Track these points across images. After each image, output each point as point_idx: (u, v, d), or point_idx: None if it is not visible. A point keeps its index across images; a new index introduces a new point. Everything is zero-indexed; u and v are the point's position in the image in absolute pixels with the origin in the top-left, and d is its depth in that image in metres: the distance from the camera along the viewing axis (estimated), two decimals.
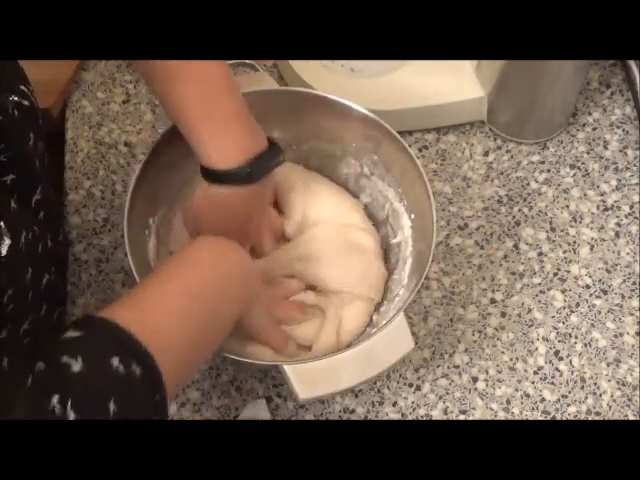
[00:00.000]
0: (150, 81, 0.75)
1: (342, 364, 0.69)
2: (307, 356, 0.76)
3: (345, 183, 0.86)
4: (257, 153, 0.72)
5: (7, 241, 0.64)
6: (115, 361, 0.52)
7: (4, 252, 0.64)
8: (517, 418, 0.79)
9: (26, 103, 0.71)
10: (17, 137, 0.69)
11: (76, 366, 0.51)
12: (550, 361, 0.82)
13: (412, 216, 0.81)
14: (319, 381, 0.69)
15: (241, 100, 0.72)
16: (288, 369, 0.68)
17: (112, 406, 0.51)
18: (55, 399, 0.50)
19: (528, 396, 0.80)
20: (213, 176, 0.72)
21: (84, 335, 0.53)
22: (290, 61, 0.92)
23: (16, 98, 0.70)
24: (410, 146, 0.80)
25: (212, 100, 0.70)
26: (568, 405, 0.80)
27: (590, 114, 0.95)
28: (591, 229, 0.88)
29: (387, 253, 0.83)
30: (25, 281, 0.68)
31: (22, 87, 0.72)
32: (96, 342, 0.53)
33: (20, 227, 0.67)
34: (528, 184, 0.91)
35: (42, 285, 0.72)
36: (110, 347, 0.53)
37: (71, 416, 0.49)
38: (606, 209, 0.89)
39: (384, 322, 0.74)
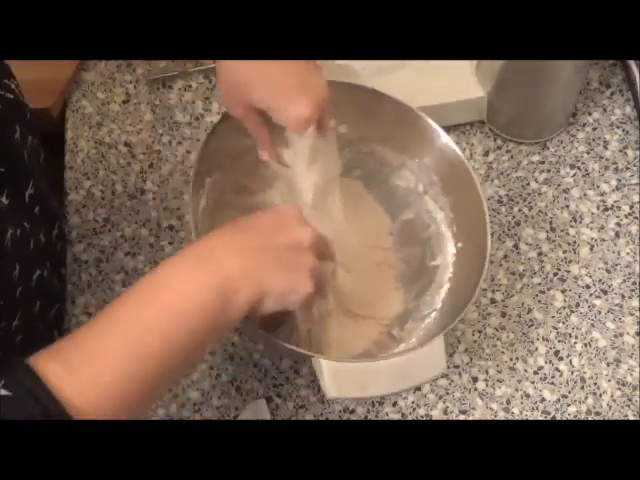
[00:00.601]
0: None
1: (375, 372, 0.68)
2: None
3: (391, 194, 0.84)
4: None
5: None
6: None
7: None
8: (517, 418, 0.79)
9: (10, 96, 0.71)
10: (1, 130, 0.69)
11: None
12: (550, 361, 0.82)
13: (459, 244, 0.79)
14: (350, 383, 0.68)
15: None
16: (325, 364, 0.67)
17: None
18: None
19: (528, 396, 0.80)
20: None
21: (9, 396, 0.50)
22: None
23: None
24: None
25: None
26: (568, 405, 0.80)
27: (590, 114, 0.95)
28: (591, 229, 0.88)
29: (418, 272, 0.81)
30: (13, 277, 0.67)
31: (6, 81, 0.71)
32: (18, 408, 0.50)
33: (6, 226, 0.66)
34: (528, 184, 0.91)
35: (32, 281, 0.72)
36: (31, 414, 0.50)
37: None
38: (606, 209, 0.89)
39: (413, 340, 0.75)
